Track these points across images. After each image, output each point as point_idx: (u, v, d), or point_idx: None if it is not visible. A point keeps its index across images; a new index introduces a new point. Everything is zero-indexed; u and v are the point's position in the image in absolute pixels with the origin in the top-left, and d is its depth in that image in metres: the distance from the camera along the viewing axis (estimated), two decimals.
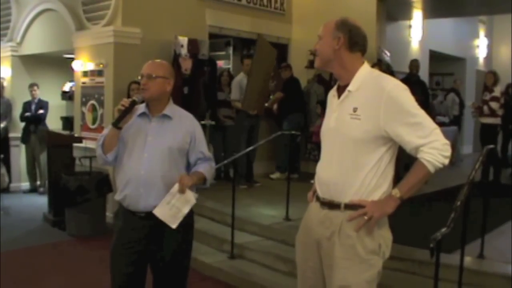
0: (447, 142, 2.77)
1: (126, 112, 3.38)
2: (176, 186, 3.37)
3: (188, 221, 3.60)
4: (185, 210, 3.41)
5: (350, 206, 2.87)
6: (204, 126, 8.44)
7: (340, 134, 2.92)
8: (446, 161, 2.76)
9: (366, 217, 2.81)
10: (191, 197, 3.42)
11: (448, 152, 2.75)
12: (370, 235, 2.85)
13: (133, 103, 3.40)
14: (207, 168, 3.60)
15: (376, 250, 2.88)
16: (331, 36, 2.93)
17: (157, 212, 3.37)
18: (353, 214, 2.84)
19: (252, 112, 9.22)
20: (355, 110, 2.85)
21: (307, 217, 3.16)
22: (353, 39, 2.92)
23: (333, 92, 3.08)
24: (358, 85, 2.90)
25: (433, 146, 2.73)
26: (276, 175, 10.07)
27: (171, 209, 3.38)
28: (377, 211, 2.80)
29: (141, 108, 3.54)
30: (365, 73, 2.93)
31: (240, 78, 9.41)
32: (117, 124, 3.40)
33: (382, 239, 2.90)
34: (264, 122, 10.23)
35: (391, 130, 2.78)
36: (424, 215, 7.16)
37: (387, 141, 2.84)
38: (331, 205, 2.95)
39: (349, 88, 2.92)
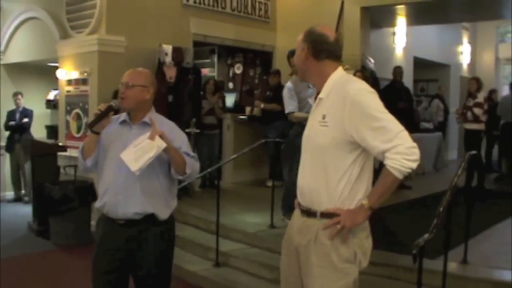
0: (413, 145, 2.69)
1: (101, 117, 3.38)
2: (147, 134, 3.32)
3: (170, 228, 3.61)
4: (151, 153, 3.28)
5: (326, 215, 2.87)
6: (188, 134, 8.43)
7: (312, 142, 2.95)
8: (414, 165, 2.69)
9: (339, 226, 2.80)
10: (159, 142, 3.29)
11: (414, 155, 2.68)
12: (345, 244, 2.84)
13: (110, 108, 3.41)
14: (189, 159, 3.50)
15: (351, 259, 2.87)
16: (300, 48, 2.99)
17: (123, 155, 3.32)
18: (327, 223, 2.84)
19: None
20: (323, 117, 2.87)
21: (290, 224, 3.18)
22: (316, 48, 2.93)
23: (312, 101, 3.11)
24: (328, 92, 2.91)
25: (397, 151, 2.67)
26: (270, 183, 10.03)
27: (136, 152, 3.30)
28: (349, 221, 2.79)
29: (122, 115, 3.55)
30: (335, 79, 2.93)
31: (293, 86, 7.17)
32: (92, 127, 3.40)
33: (358, 247, 2.89)
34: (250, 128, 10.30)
35: (356, 135, 2.76)
36: (409, 221, 7.18)
37: (356, 147, 2.81)
38: (309, 213, 2.96)
39: (320, 95, 2.95)
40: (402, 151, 2.67)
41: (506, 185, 10.79)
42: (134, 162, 3.29)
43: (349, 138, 2.79)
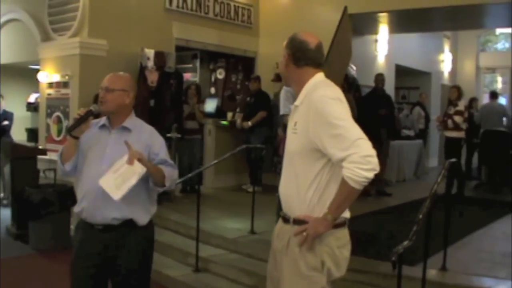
0: (370, 153, 2.63)
1: (80, 121, 3.34)
2: (125, 157, 3.28)
3: (149, 233, 3.59)
4: (132, 181, 3.25)
5: (297, 221, 2.88)
6: (170, 139, 8.40)
7: (286, 149, 2.99)
8: (369, 174, 2.63)
9: (304, 234, 2.79)
10: (139, 169, 3.25)
11: (370, 164, 2.62)
12: (312, 252, 2.83)
13: (89, 113, 3.37)
14: (168, 169, 3.48)
15: (318, 267, 2.85)
16: (283, 54, 3.01)
17: (102, 182, 3.27)
18: (297, 230, 2.85)
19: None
20: (295, 124, 2.90)
21: (275, 228, 3.19)
22: (296, 55, 2.95)
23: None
24: (302, 99, 2.93)
25: (351, 160, 2.62)
26: (250, 188, 10.03)
27: (117, 179, 3.25)
28: (312, 229, 2.78)
29: (102, 120, 3.52)
30: (310, 86, 2.93)
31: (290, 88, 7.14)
32: (70, 131, 3.37)
33: (327, 256, 2.86)
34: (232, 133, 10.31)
35: (319, 142, 2.75)
36: (389, 227, 7.20)
37: (323, 154, 2.79)
38: (285, 219, 3.00)
39: (296, 103, 2.97)
40: (356, 160, 2.62)
41: (485, 193, 10.90)
42: (115, 190, 3.25)
43: (314, 146, 2.78)
